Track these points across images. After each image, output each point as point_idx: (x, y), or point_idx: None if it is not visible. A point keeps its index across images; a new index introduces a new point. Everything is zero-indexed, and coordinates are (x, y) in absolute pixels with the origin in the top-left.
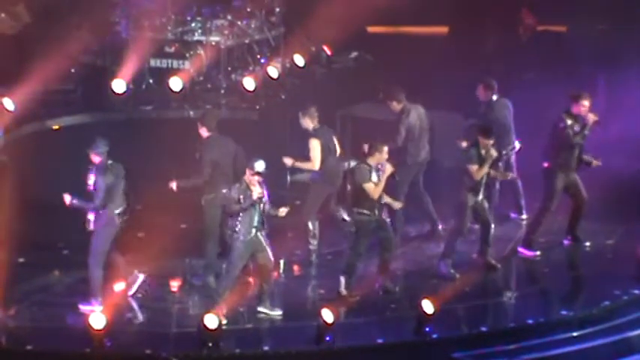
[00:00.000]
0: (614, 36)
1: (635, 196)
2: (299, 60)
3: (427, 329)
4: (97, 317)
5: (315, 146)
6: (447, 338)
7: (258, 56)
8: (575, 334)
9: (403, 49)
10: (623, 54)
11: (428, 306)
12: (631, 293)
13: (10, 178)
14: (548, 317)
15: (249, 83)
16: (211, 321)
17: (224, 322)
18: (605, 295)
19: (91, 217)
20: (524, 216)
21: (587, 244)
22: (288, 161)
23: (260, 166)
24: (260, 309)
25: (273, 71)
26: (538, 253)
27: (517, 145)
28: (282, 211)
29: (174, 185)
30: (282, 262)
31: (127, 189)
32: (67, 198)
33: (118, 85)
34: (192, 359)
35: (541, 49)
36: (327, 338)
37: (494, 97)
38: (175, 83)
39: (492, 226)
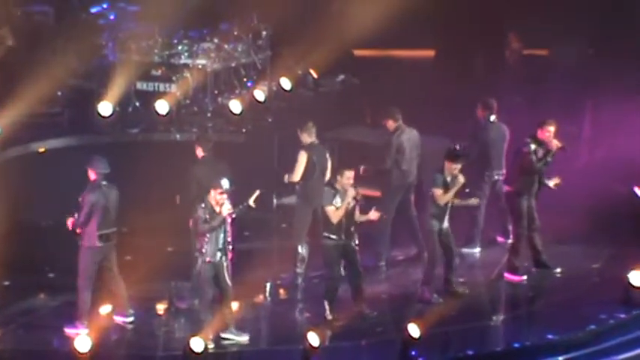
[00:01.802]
0: (600, 60)
1: (621, 219)
2: (286, 83)
3: (413, 353)
4: (82, 340)
5: (300, 159)
6: None
7: (245, 79)
8: (561, 358)
9: (390, 73)
10: (609, 78)
11: (414, 330)
12: (617, 317)
13: None
14: (535, 341)
15: (235, 106)
16: (197, 344)
17: (210, 345)
18: (591, 318)
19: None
20: (510, 240)
21: (558, 270)
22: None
23: (226, 183)
24: (224, 335)
25: (259, 94)
26: (524, 277)
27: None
28: (254, 197)
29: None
30: (268, 285)
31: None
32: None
33: (105, 108)
34: None
35: (528, 73)
36: None
37: (492, 118)
38: (162, 106)
39: (456, 253)
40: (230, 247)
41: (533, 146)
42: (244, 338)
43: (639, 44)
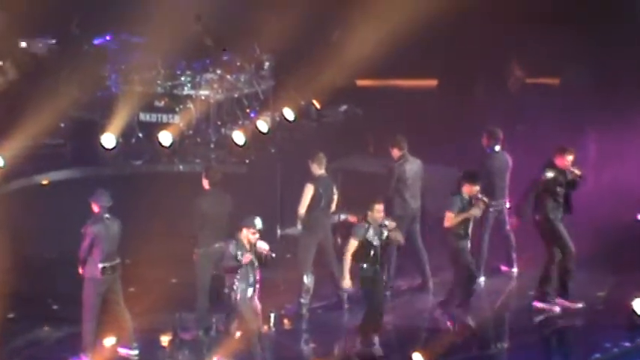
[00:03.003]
0: (603, 88)
1: (625, 247)
2: (288, 114)
3: None
4: None
5: (307, 191)
6: None
7: (248, 110)
8: None
9: (393, 103)
10: (613, 106)
11: (419, 359)
12: (622, 346)
13: None
14: None
15: (238, 137)
16: None
17: None
18: (595, 347)
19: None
20: (514, 269)
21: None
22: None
23: (259, 223)
24: None
25: (262, 125)
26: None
27: (507, 203)
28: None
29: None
30: (272, 315)
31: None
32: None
33: (108, 140)
34: None
35: (531, 102)
36: None
37: (497, 148)
38: (165, 137)
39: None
40: (257, 285)
41: (550, 174)
42: None
43: None
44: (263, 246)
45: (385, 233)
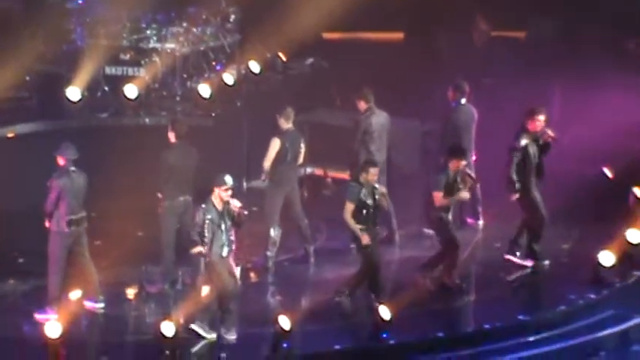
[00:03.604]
0: (568, 42)
1: (589, 200)
2: (254, 66)
3: (384, 335)
4: (52, 326)
5: (273, 145)
6: (404, 344)
7: (214, 63)
8: (531, 338)
9: (359, 56)
10: (578, 60)
11: (385, 312)
12: (587, 297)
13: None
14: (505, 322)
15: (204, 90)
16: (168, 329)
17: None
18: (561, 299)
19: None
20: (480, 221)
21: (529, 264)
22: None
23: (230, 180)
24: (195, 327)
25: (228, 78)
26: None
27: (473, 156)
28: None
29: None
30: (238, 268)
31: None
32: None
33: (73, 93)
34: None
35: (496, 55)
36: (285, 345)
37: (463, 101)
38: (131, 90)
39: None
40: (233, 245)
41: (525, 140)
42: (212, 336)
43: (607, 28)
44: (235, 203)
45: (377, 195)
